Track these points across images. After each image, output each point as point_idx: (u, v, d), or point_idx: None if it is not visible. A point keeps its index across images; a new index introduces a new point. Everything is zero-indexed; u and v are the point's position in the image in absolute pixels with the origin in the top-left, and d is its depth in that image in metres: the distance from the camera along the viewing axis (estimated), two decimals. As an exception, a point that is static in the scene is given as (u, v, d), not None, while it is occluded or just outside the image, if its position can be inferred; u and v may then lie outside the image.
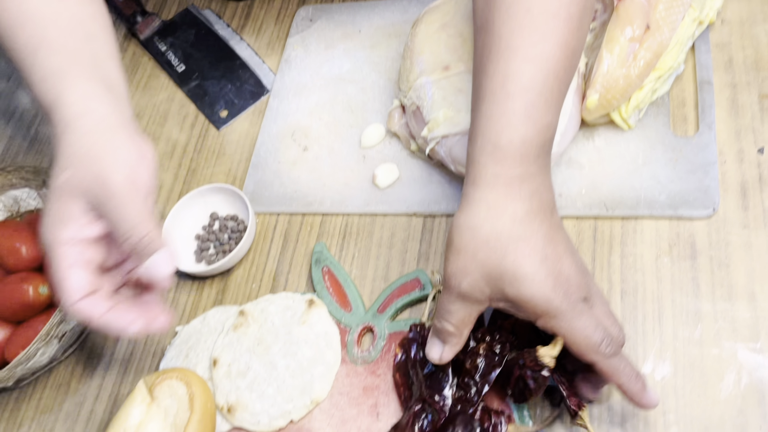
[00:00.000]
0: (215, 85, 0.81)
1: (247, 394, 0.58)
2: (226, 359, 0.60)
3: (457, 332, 0.49)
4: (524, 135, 0.46)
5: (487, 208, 0.46)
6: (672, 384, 0.52)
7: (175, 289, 0.69)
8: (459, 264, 0.47)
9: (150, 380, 0.55)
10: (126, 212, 0.48)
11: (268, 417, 0.57)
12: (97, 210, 0.48)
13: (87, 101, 0.50)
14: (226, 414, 0.58)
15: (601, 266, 0.59)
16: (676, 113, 0.63)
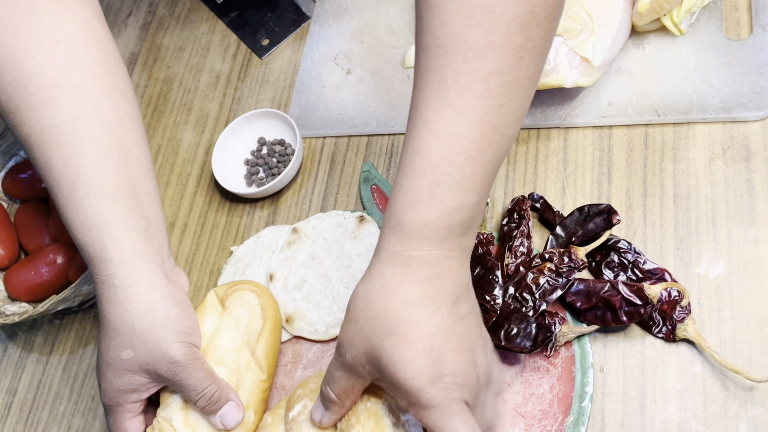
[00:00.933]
0: (255, 14, 0.81)
1: (303, 305, 0.60)
2: (282, 274, 0.62)
3: (338, 402, 0.47)
4: (426, 216, 0.42)
5: (381, 283, 0.43)
6: (726, 282, 0.53)
7: (228, 212, 0.70)
8: (348, 334, 0.45)
9: (221, 291, 0.57)
10: (194, 378, 0.50)
11: (325, 326, 0.59)
12: (162, 380, 0.51)
13: (132, 262, 0.50)
14: (285, 324, 0.60)
15: (653, 172, 0.58)
16: (729, 17, 0.62)
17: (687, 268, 0.54)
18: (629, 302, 0.51)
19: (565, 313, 0.54)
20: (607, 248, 0.55)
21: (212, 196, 0.72)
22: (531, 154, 0.63)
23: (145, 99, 0.81)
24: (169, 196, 0.73)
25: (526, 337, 0.51)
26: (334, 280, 0.61)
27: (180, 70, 0.82)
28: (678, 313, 0.51)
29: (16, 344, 0.70)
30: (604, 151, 0.61)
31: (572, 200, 0.60)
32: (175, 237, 0.71)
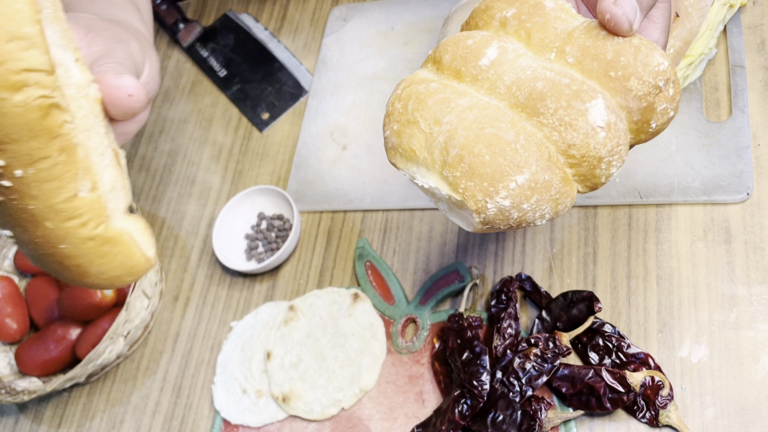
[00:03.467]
0: (256, 88, 0.84)
1: (300, 385, 0.62)
2: (279, 352, 0.64)
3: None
4: None
5: None
6: (708, 366, 0.54)
7: (228, 286, 0.73)
8: None
9: None
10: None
11: (320, 405, 0.61)
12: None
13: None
14: (281, 403, 0.62)
15: (637, 253, 0.60)
16: (709, 98, 0.64)
17: (670, 351, 0.55)
18: (612, 389, 0.52)
19: (551, 398, 0.56)
20: (593, 332, 0.57)
21: (214, 269, 0.75)
22: (519, 233, 0.65)
23: (151, 171, 0.84)
24: (173, 269, 0.76)
25: (512, 425, 0.53)
26: (329, 359, 0.63)
27: (184, 142, 0.85)
28: (661, 399, 0.52)
29: (26, 417, 0.73)
30: (590, 230, 0.62)
31: (559, 280, 0.61)
32: (178, 310, 0.73)
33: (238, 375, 0.65)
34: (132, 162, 0.85)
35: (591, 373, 0.53)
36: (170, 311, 0.73)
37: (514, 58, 0.41)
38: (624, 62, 0.40)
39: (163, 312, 0.73)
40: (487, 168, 0.38)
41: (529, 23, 0.43)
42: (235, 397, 0.64)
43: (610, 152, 0.40)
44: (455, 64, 0.42)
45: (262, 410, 0.63)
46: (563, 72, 0.41)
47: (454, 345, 0.58)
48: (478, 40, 0.43)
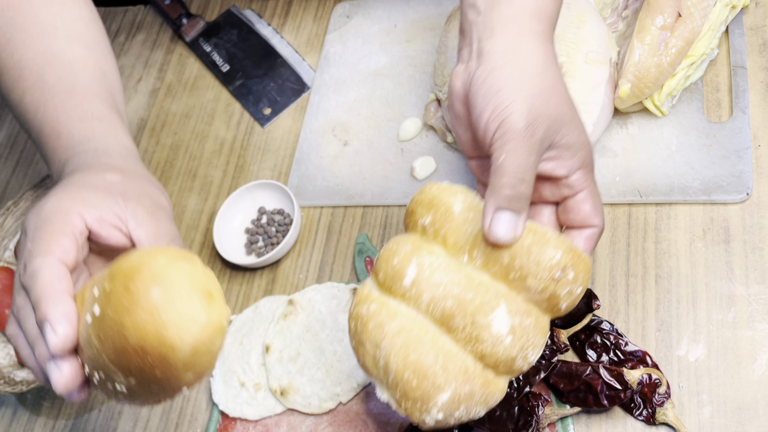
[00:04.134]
0: (258, 83, 0.85)
1: (298, 378, 0.62)
2: (278, 345, 0.64)
3: (531, 192, 0.45)
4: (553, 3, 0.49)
5: (545, 57, 0.47)
6: (705, 365, 0.54)
7: (228, 279, 0.73)
8: (533, 111, 0.44)
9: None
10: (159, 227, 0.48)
11: (318, 399, 0.61)
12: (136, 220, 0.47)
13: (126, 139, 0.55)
14: (279, 397, 0.62)
15: (636, 252, 0.60)
16: (710, 98, 0.64)
17: (668, 350, 0.56)
18: (610, 386, 0.53)
19: (549, 394, 0.56)
20: (591, 329, 0.57)
21: (214, 262, 0.75)
22: (519, 230, 0.65)
23: (152, 165, 0.84)
24: (173, 262, 0.76)
25: (509, 420, 0.53)
26: (328, 353, 0.63)
27: (186, 136, 0.85)
28: (658, 397, 0.53)
29: (25, 408, 0.73)
30: (589, 229, 0.62)
31: (558, 277, 0.62)
32: (177, 304, 0.73)
33: (236, 368, 0.66)
34: (134, 155, 0.86)
35: (588, 370, 0.54)
36: (170, 304, 0.73)
37: (429, 275, 0.47)
38: (518, 264, 0.45)
39: (162, 305, 0.74)
40: (417, 392, 0.45)
41: (443, 230, 0.48)
42: (233, 390, 0.64)
43: (522, 349, 0.46)
44: (387, 282, 0.48)
45: (260, 403, 0.63)
46: (472, 280, 0.46)
47: None
48: (401, 257, 0.48)
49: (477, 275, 0.46)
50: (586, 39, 0.61)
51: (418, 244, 0.49)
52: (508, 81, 0.45)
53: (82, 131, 0.53)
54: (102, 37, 0.60)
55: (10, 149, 0.93)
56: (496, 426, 0.53)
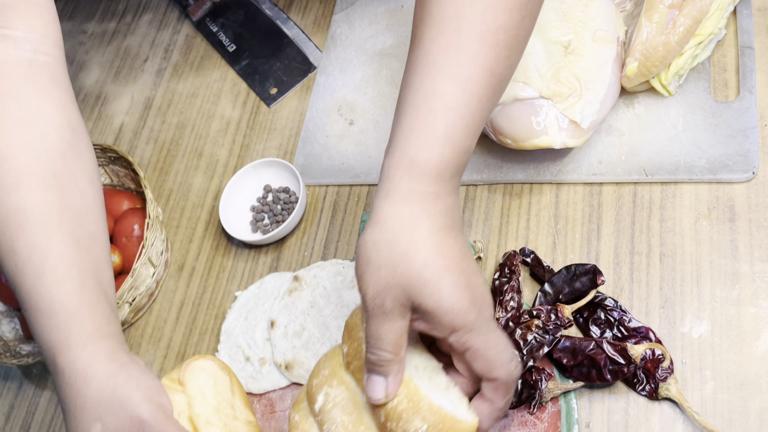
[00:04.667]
0: (264, 63, 0.85)
1: (302, 353, 0.63)
2: (283, 320, 0.65)
3: (395, 357, 0.46)
4: (442, 155, 0.45)
5: (402, 221, 0.45)
6: (709, 342, 0.54)
7: (233, 256, 0.73)
8: (380, 281, 0.44)
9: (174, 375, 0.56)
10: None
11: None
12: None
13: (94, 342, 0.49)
14: (283, 371, 0.62)
15: (640, 230, 0.60)
16: (717, 78, 0.64)
17: (671, 326, 0.56)
18: (613, 361, 0.53)
19: (552, 369, 0.56)
20: (595, 305, 0.57)
21: (219, 240, 0.75)
22: (524, 209, 0.65)
23: (158, 143, 0.84)
24: (179, 239, 0.77)
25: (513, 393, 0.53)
26: (332, 328, 0.63)
27: (192, 115, 0.85)
28: (661, 372, 0.53)
29: (30, 382, 0.73)
30: (594, 207, 0.63)
31: (562, 255, 0.62)
32: (183, 280, 0.74)
33: (241, 343, 0.66)
34: (140, 134, 0.86)
35: (592, 344, 0.54)
36: (175, 280, 0.74)
37: (330, 408, 0.51)
38: (390, 427, 0.47)
39: (168, 281, 0.74)
40: None
41: (353, 364, 0.51)
42: (238, 364, 0.65)
43: None
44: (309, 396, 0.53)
45: (265, 377, 0.63)
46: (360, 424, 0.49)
47: None
48: (319, 380, 0.53)
49: (367, 420, 0.50)
50: (593, 17, 0.61)
51: (336, 370, 0.52)
52: (363, 248, 0.46)
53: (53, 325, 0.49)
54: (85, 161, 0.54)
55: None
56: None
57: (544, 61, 0.60)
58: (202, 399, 0.54)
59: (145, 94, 0.89)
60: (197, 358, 0.57)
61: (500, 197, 0.66)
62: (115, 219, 0.74)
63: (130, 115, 0.88)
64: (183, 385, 0.55)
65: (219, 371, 0.56)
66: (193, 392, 0.54)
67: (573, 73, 0.60)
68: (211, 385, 0.55)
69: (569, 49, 0.60)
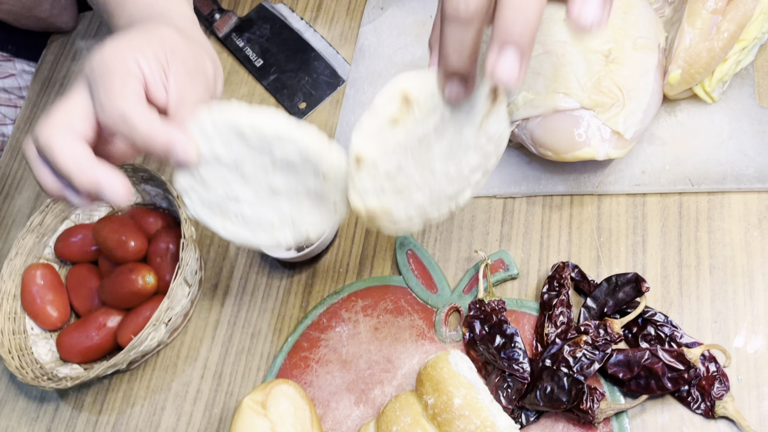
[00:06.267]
0: (293, 77, 0.84)
1: (392, 201, 0.47)
2: (373, 154, 0.44)
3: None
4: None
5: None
6: (765, 357, 0.53)
7: (267, 274, 0.72)
8: None
9: (257, 396, 0.58)
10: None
11: (407, 219, 0.49)
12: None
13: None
14: (365, 220, 0.47)
15: (688, 242, 0.59)
16: (762, 84, 0.62)
17: (725, 341, 0.54)
18: (671, 368, 0.51)
19: (602, 387, 0.55)
20: (644, 321, 0.56)
21: (253, 257, 0.74)
22: (565, 221, 0.64)
23: (187, 161, 0.84)
24: (212, 257, 0.76)
25: (561, 391, 0.52)
26: (438, 174, 0.47)
27: (221, 132, 0.85)
28: (717, 389, 0.51)
29: (67, 403, 0.73)
30: (638, 219, 0.61)
31: (607, 269, 0.60)
32: (217, 299, 0.73)
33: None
34: (169, 151, 0.85)
35: (647, 354, 0.52)
36: (210, 299, 0.73)
37: None
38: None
39: (203, 300, 0.73)
40: None
41: (440, 417, 0.53)
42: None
43: None
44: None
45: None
46: None
47: (483, 333, 0.58)
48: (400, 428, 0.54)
49: None
50: (633, 24, 0.60)
51: (418, 419, 0.54)
52: None
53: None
54: None
55: (45, 147, 0.93)
56: (552, 402, 0.53)
57: (584, 71, 0.59)
58: (282, 426, 0.55)
59: (172, 111, 0.89)
60: (280, 382, 0.58)
61: (540, 210, 0.65)
62: (148, 238, 0.73)
63: (158, 133, 0.88)
64: (265, 408, 0.56)
65: (300, 399, 0.57)
66: (275, 417, 0.55)
67: (614, 82, 0.58)
68: (292, 413, 0.56)
69: (610, 58, 0.59)
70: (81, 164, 0.45)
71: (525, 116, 0.61)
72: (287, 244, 0.50)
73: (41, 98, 0.98)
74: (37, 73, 1.00)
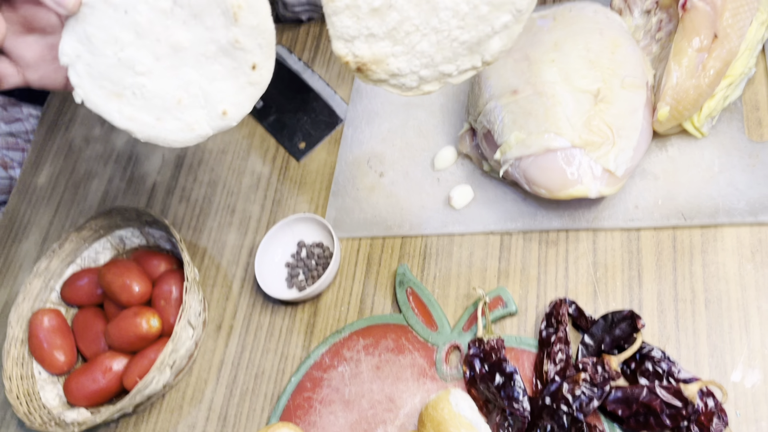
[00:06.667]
0: (292, 117, 0.86)
1: (387, 47, 0.40)
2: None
3: None
4: None
5: None
6: (763, 391, 0.53)
7: (270, 313, 0.73)
8: None
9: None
10: None
11: (417, 79, 0.42)
12: None
13: None
14: (355, 72, 0.40)
15: (683, 276, 0.59)
16: (750, 117, 0.63)
17: (722, 376, 0.55)
18: (669, 405, 0.52)
19: (602, 424, 0.55)
20: (642, 356, 0.56)
21: (255, 297, 0.75)
22: (561, 257, 0.64)
23: (191, 202, 0.86)
24: (215, 298, 0.77)
25: (561, 430, 0.53)
26: (443, 11, 0.38)
27: (223, 172, 0.86)
28: (716, 425, 0.52)
29: (75, 447, 0.74)
30: (633, 253, 0.62)
31: (604, 304, 0.61)
32: (221, 340, 0.74)
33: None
34: (172, 193, 0.87)
35: (645, 391, 0.53)
36: (214, 340, 0.74)
37: None
38: None
39: (207, 341, 0.74)
40: None
41: None
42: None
43: None
44: None
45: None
46: None
47: (483, 371, 0.58)
48: None
49: None
50: (621, 64, 0.61)
51: None
52: None
53: None
54: None
55: (51, 191, 0.95)
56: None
57: (574, 110, 0.60)
58: None
59: (175, 153, 0.90)
60: (281, 425, 0.58)
61: (536, 245, 0.66)
62: (153, 281, 0.75)
63: (161, 175, 0.89)
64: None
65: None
66: None
67: (604, 121, 0.60)
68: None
69: (599, 97, 0.60)
70: None
71: (518, 155, 0.63)
72: (201, 130, 0.40)
73: (48, 142, 1.00)
74: (43, 117, 1.02)
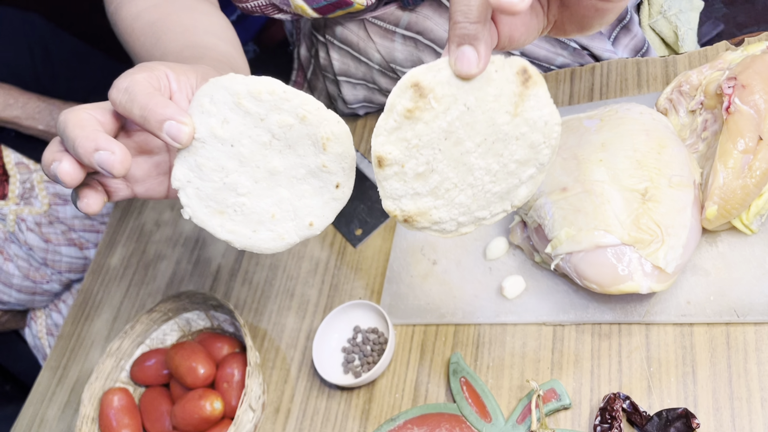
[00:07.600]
0: (349, 205, 0.90)
1: (430, 203, 0.46)
2: (397, 155, 0.43)
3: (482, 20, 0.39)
4: None
5: None
6: (827, 498, 0.52)
7: (326, 398, 0.76)
8: None
9: None
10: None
11: (456, 224, 0.48)
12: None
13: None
14: (401, 222, 0.48)
15: (738, 374, 0.59)
16: (801, 214, 0.64)
17: (783, 480, 0.54)
18: None
19: None
20: (698, 456, 0.56)
21: (312, 381, 0.78)
22: (614, 350, 0.65)
23: (253, 285, 0.90)
24: (274, 380, 0.80)
25: None
26: (477, 170, 0.45)
27: (284, 257, 0.91)
28: None
29: None
30: (687, 349, 0.63)
31: (659, 400, 0.61)
32: (279, 423, 0.77)
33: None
34: (236, 276, 0.92)
35: None
36: (272, 423, 0.77)
37: None
38: None
39: (265, 423, 0.77)
40: None
41: None
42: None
43: None
44: None
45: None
46: None
47: None
48: None
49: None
50: (668, 163, 0.64)
51: None
52: None
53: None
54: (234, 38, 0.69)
55: (123, 271, 1.01)
56: None
57: (623, 208, 0.63)
58: None
59: (238, 237, 0.96)
60: None
61: (589, 338, 0.67)
62: (216, 364, 0.78)
63: (225, 258, 0.95)
64: None
65: None
66: None
67: (653, 219, 0.62)
68: None
69: (647, 196, 0.62)
70: (85, 127, 0.44)
71: (568, 250, 0.65)
72: (290, 239, 0.48)
73: (121, 225, 1.07)
74: (117, 203, 1.10)
